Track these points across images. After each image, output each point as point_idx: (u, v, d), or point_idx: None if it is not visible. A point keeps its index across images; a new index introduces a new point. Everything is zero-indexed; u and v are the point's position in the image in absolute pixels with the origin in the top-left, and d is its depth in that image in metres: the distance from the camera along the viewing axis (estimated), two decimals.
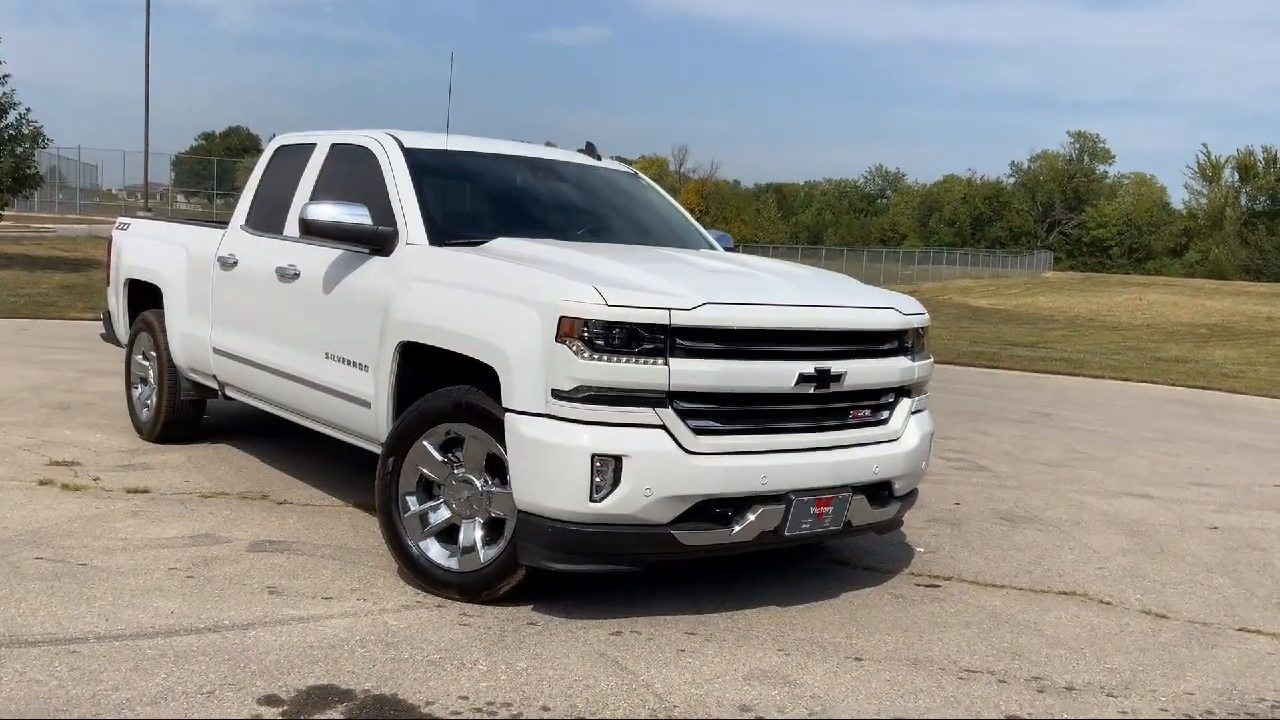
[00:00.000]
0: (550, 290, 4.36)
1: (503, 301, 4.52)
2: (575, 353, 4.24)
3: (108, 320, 8.30)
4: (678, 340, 4.31)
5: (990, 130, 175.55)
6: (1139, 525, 6.89)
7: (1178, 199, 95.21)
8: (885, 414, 4.97)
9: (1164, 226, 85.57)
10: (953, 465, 8.31)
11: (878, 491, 4.91)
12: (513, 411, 4.39)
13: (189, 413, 7.40)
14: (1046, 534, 6.50)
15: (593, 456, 4.23)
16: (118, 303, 7.95)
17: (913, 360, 5.05)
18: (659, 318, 4.27)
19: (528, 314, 4.38)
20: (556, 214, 6.06)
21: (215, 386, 6.87)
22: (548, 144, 6.89)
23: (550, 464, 4.28)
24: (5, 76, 23.27)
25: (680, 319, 4.30)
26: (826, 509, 4.64)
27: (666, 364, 4.28)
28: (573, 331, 4.25)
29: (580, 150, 6.75)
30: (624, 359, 4.24)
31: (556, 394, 4.28)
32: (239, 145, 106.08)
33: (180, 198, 76.31)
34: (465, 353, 4.62)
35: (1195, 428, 11.73)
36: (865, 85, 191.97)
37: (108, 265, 8.20)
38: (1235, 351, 24.40)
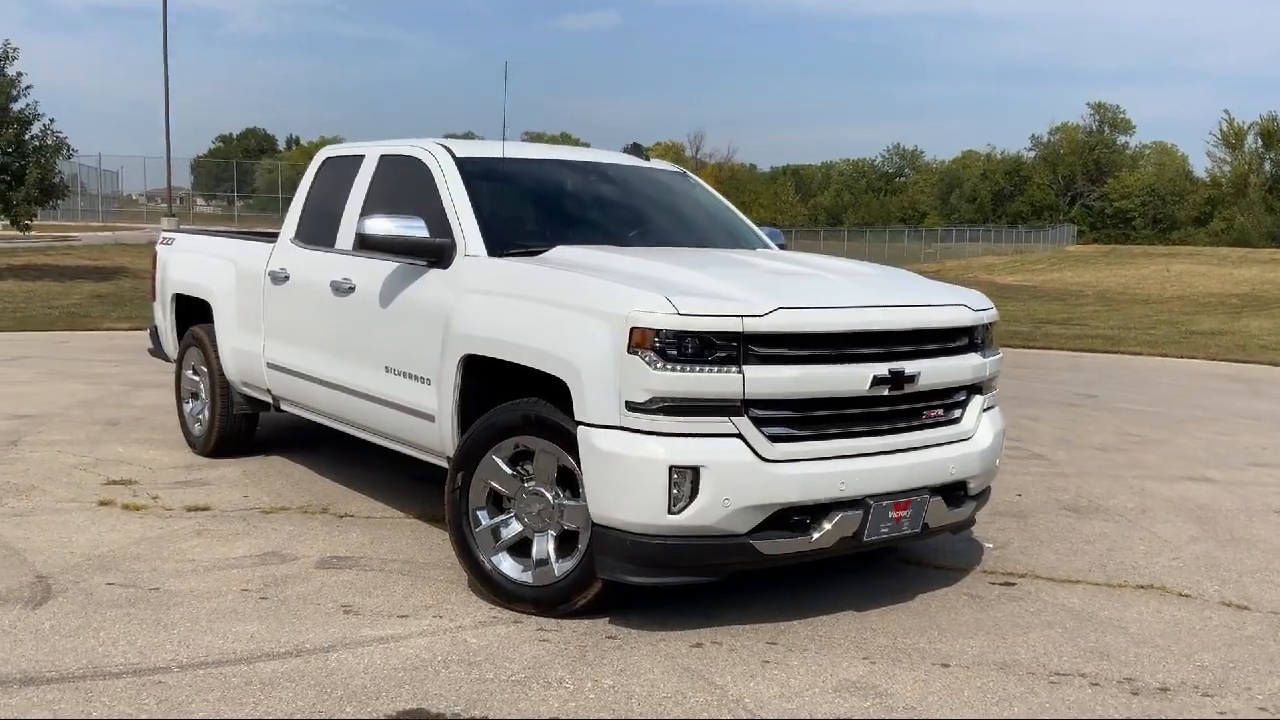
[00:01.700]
0: (620, 301, 4.30)
1: (571, 313, 4.46)
2: (648, 364, 4.18)
3: (155, 335, 8.30)
4: (751, 347, 4.25)
5: (1008, 104, 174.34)
6: (1205, 511, 6.79)
7: (1200, 167, 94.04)
8: (958, 413, 4.90)
9: (1187, 196, 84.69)
10: (1009, 453, 8.18)
11: (953, 492, 4.84)
12: (586, 425, 4.34)
13: (242, 426, 7.39)
14: (1114, 524, 6.41)
15: (670, 468, 4.17)
16: (165, 318, 7.95)
17: (984, 357, 4.98)
18: (732, 325, 4.21)
19: (597, 326, 4.33)
20: (611, 219, 6.00)
21: (269, 400, 6.86)
22: (582, 144, 6.83)
23: (627, 477, 4.23)
24: (27, 88, 23.38)
25: (753, 325, 4.24)
26: (905, 512, 4.58)
27: (740, 372, 4.22)
28: (644, 342, 4.20)
29: (625, 150, 6.69)
30: (698, 368, 4.19)
31: (630, 406, 4.23)
32: (256, 146, 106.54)
33: (200, 201, 76.71)
34: (533, 366, 4.57)
35: (1243, 404, 11.59)
36: (880, 63, 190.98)
37: (152, 280, 8.19)
38: (1270, 322, 24.13)
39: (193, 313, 7.60)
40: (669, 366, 4.18)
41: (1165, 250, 58.07)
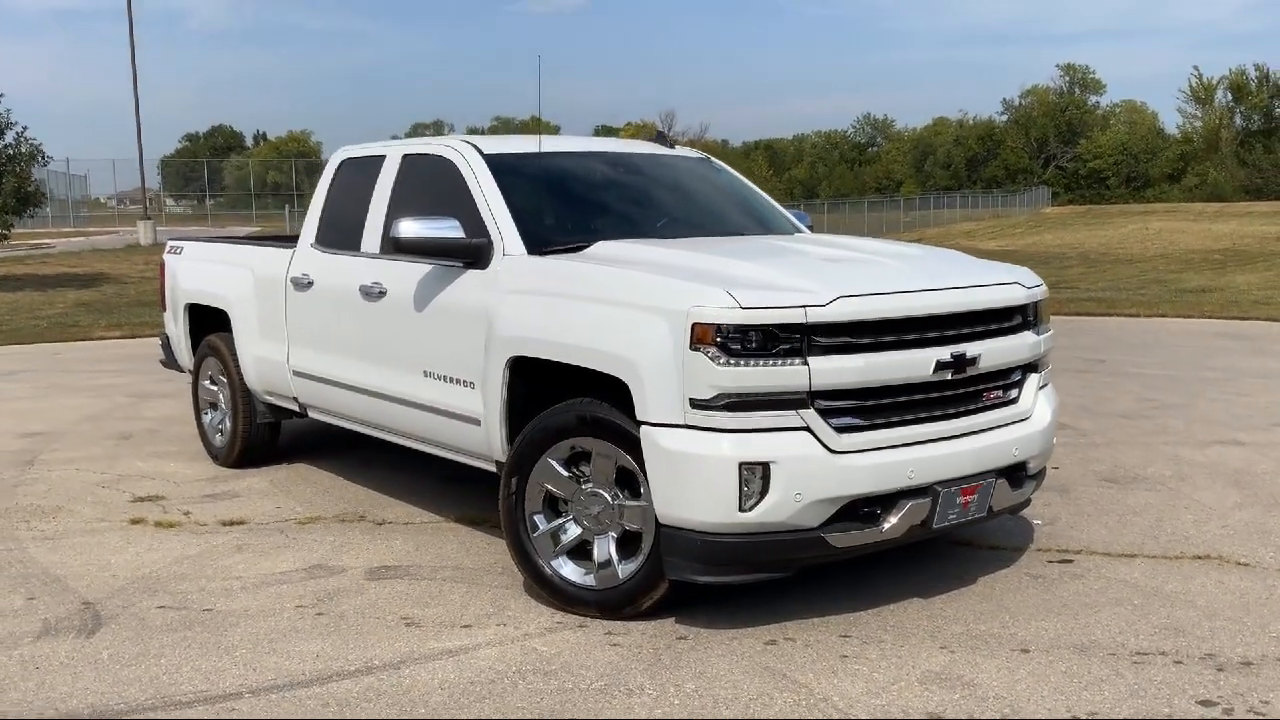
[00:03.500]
0: (681, 297, 4.21)
1: (628, 311, 4.37)
2: (712, 360, 4.10)
3: (167, 346, 8.15)
4: (814, 338, 4.17)
5: (977, 69, 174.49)
6: (1243, 476, 6.77)
7: (1171, 124, 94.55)
8: (1015, 393, 4.84)
9: (1160, 153, 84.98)
10: None
11: (1015, 473, 4.79)
12: (649, 424, 4.26)
13: (265, 435, 7.28)
14: (1156, 494, 6.38)
15: (740, 465, 4.10)
16: (178, 328, 7.80)
17: (1038, 335, 4.92)
18: (795, 316, 4.13)
19: (657, 323, 4.24)
20: (644, 210, 5.90)
21: (295, 408, 6.74)
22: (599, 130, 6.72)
23: (696, 476, 4.15)
24: None
25: (816, 316, 4.16)
26: (972, 497, 4.53)
27: (805, 363, 4.15)
28: (706, 338, 4.12)
29: (651, 140, 6.58)
30: (762, 362, 4.11)
31: (695, 403, 4.15)
32: (224, 144, 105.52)
33: (170, 201, 75.92)
34: (589, 366, 4.48)
35: (1252, 363, 11.60)
36: (846, 33, 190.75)
37: (161, 290, 8.04)
38: (1255, 276, 24.22)
39: (208, 322, 7.46)
40: (733, 361, 4.09)
41: (1142, 208, 58.37)
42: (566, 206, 5.77)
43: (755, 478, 4.12)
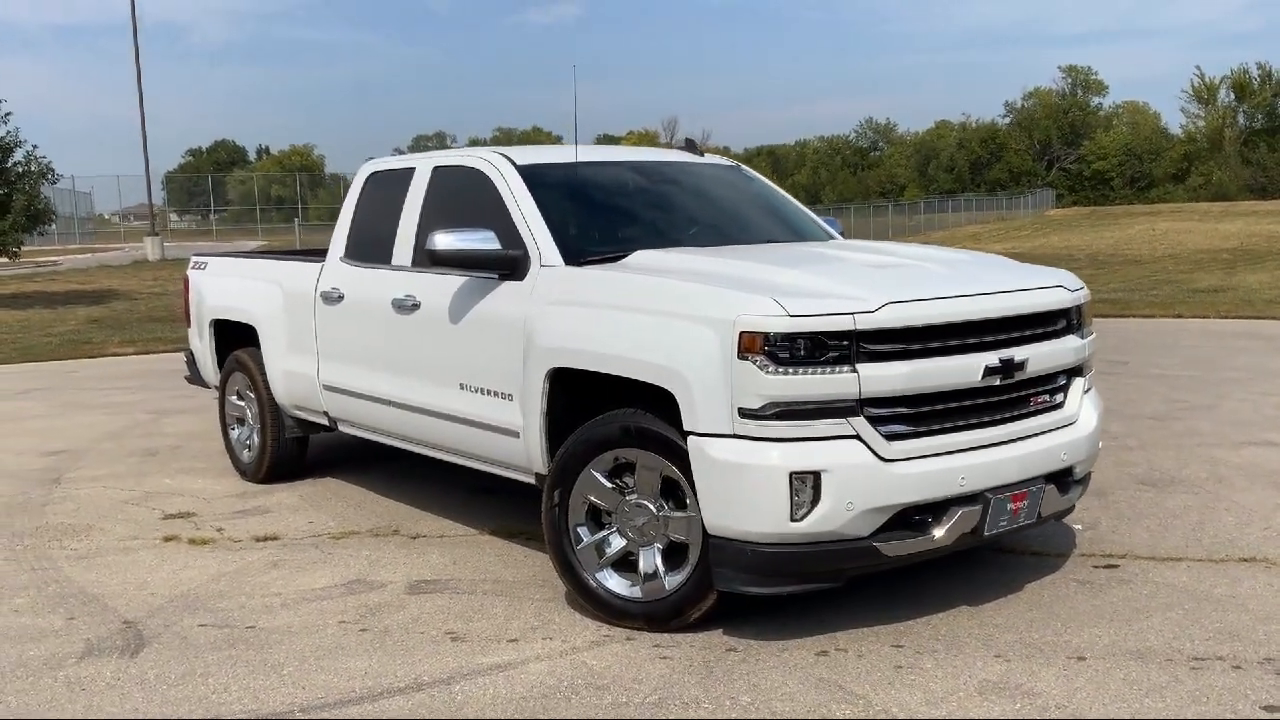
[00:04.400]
0: (727, 306, 4.18)
1: (673, 321, 4.33)
2: (760, 368, 4.06)
3: (192, 362, 8.13)
4: (863, 345, 4.14)
5: (979, 72, 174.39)
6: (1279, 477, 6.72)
7: (1174, 124, 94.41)
8: (1060, 397, 4.80)
9: (1163, 153, 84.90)
10: None
11: (1063, 478, 4.75)
12: (697, 435, 4.22)
13: (294, 450, 7.24)
14: (1195, 496, 6.33)
15: (790, 475, 4.06)
16: (203, 344, 7.77)
17: (1081, 338, 4.89)
18: (843, 324, 4.10)
19: (704, 332, 4.20)
20: (679, 219, 5.87)
21: (325, 422, 6.71)
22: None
23: (746, 486, 4.11)
24: (7, 115, 23.05)
25: (865, 322, 4.12)
26: (1022, 504, 4.48)
27: (855, 370, 4.11)
28: (755, 346, 4.08)
29: (680, 147, 6.56)
30: (811, 370, 4.07)
31: (744, 413, 4.11)
32: (227, 159, 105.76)
33: (174, 216, 76.07)
34: (634, 377, 4.44)
35: (1274, 362, 11.55)
36: (847, 38, 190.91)
37: (186, 307, 8.02)
38: (1267, 275, 24.15)
39: (234, 337, 7.44)
40: (782, 370, 4.06)
41: (1146, 209, 58.22)
42: (601, 216, 5.74)
43: (806, 487, 4.08)
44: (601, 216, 5.73)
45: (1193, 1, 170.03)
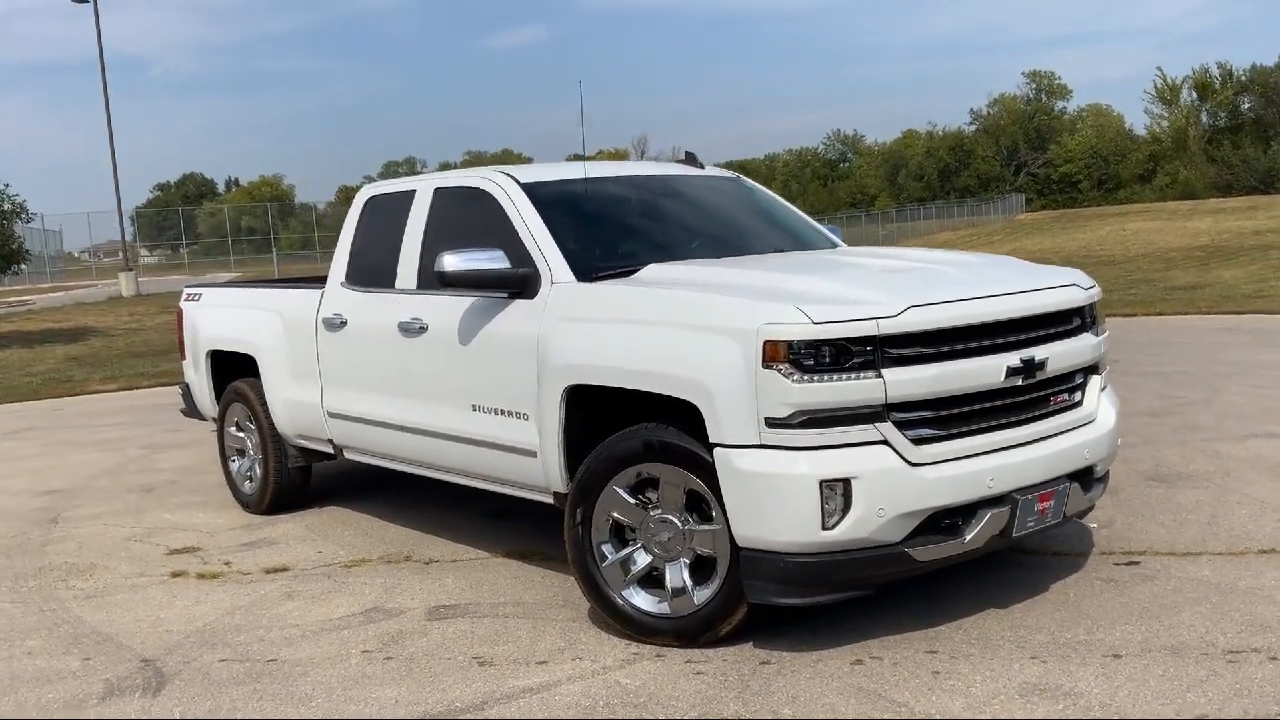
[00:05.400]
0: (750, 316, 4.15)
1: (694, 333, 4.31)
2: (786, 377, 4.04)
3: (188, 395, 8.03)
4: (887, 350, 4.12)
5: (944, 80, 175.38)
6: None
7: (1139, 125, 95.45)
8: (1078, 395, 4.81)
9: (1129, 154, 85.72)
10: None
11: (1086, 476, 4.75)
12: (723, 446, 4.19)
13: (297, 480, 7.16)
14: (1205, 490, 6.35)
15: (820, 483, 4.03)
16: (200, 376, 7.68)
17: (1096, 336, 4.90)
18: (867, 329, 4.08)
19: (727, 343, 4.18)
20: (685, 231, 5.85)
21: (329, 450, 6.64)
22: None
23: (775, 496, 4.08)
24: None
25: (888, 327, 4.11)
26: (1049, 503, 4.48)
27: (880, 375, 4.09)
28: (779, 355, 4.06)
29: (680, 160, 6.55)
30: (837, 377, 4.05)
31: (771, 422, 4.08)
32: (196, 192, 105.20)
33: (144, 251, 75.50)
34: (656, 390, 4.41)
35: (1263, 355, 11.63)
36: (811, 51, 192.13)
37: (180, 338, 7.93)
38: (1241, 270, 24.39)
39: (232, 368, 7.36)
40: (807, 378, 4.04)
41: (1116, 210, 58.78)
42: (608, 231, 5.71)
43: (836, 495, 4.05)
44: (609, 232, 5.71)
45: (1153, 2, 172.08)
